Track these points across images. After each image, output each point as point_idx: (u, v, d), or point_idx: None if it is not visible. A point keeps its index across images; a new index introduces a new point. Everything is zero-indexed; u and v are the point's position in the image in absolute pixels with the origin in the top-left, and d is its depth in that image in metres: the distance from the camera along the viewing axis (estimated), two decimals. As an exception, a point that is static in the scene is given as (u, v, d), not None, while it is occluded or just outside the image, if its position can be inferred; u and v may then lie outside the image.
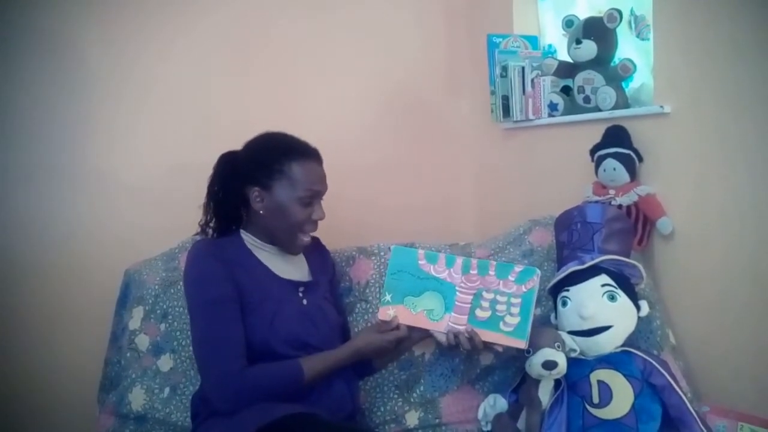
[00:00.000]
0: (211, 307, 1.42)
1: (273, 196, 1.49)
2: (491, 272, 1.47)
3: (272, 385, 1.40)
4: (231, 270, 1.46)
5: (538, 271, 1.46)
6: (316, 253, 1.67)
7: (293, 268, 1.58)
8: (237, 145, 1.56)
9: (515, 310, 1.45)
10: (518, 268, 1.47)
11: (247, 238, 1.55)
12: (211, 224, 1.57)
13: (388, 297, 1.51)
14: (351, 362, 1.50)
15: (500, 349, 1.52)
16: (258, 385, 1.39)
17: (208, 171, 1.57)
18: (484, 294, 1.47)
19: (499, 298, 1.46)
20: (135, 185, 2.09)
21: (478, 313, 1.47)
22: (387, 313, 1.51)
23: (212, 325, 1.42)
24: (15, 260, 1.96)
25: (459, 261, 1.50)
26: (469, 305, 1.47)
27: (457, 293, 1.48)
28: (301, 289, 1.56)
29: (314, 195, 1.51)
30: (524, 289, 1.45)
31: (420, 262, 1.51)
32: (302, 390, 1.41)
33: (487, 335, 1.46)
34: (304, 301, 1.55)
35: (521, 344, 1.45)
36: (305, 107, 2.28)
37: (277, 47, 2.28)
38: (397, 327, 1.49)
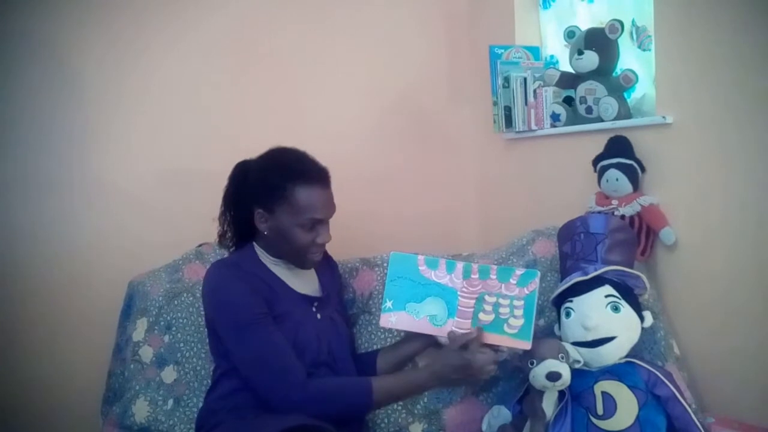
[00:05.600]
0: (254, 328, 1.42)
1: (275, 219, 1.48)
2: (492, 276, 1.48)
3: (336, 398, 1.40)
4: (255, 286, 1.46)
5: (539, 273, 1.48)
6: (325, 266, 1.67)
7: (306, 283, 1.59)
8: (238, 156, 1.57)
9: (519, 312, 1.46)
10: (519, 272, 1.48)
11: (260, 252, 1.55)
12: (228, 235, 1.57)
13: (389, 304, 1.51)
14: (429, 388, 1.46)
15: (505, 350, 1.52)
16: (322, 397, 1.39)
17: (211, 182, 1.58)
18: (486, 298, 1.47)
19: (501, 301, 1.47)
20: (138, 196, 2.09)
21: (481, 316, 1.47)
22: (388, 320, 1.51)
23: (261, 345, 1.41)
24: (17, 272, 1.96)
25: (460, 266, 1.50)
26: (471, 309, 1.48)
27: (460, 298, 1.49)
28: (315, 304, 1.57)
29: (315, 222, 1.49)
30: (527, 292, 1.46)
31: (420, 267, 1.51)
32: (368, 409, 1.39)
33: (491, 338, 1.47)
34: (318, 316, 1.56)
35: (526, 345, 1.46)
36: (306, 117, 2.29)
37: (277, 56, 2.28)
38: (485, 347, 1.42)
